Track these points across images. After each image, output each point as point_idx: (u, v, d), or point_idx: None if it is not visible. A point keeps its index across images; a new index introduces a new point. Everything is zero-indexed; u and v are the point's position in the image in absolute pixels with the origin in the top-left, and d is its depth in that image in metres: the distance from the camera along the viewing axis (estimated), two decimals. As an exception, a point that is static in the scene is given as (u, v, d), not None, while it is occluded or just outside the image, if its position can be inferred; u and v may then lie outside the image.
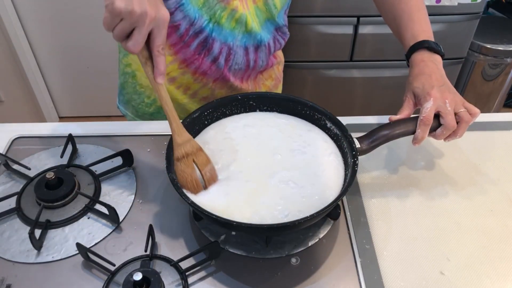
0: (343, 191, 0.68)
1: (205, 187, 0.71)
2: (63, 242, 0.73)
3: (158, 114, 1.03)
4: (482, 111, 0.80)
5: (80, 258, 0.70)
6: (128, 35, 0.62)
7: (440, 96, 0.76)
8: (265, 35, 0.93)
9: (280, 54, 1.09)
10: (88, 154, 0.89)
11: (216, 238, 0.73)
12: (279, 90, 1.14)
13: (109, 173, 0.84)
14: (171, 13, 0.83)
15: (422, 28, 0.83)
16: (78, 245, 0.68)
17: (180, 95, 0.98)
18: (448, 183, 0.85)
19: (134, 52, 0.63)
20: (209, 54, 0.90)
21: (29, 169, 0.85)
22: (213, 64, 0.92)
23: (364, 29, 1.84)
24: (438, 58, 0.81)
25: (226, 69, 0.94)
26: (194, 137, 0.81)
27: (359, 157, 0.74)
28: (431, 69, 0.79)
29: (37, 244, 0.72)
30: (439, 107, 0.75)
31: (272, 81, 1.08)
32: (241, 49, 0.92)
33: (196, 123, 0.81)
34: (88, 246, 0.72)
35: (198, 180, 0.71)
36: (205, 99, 1.00)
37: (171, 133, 0.74)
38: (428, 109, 0.75)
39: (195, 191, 0.70)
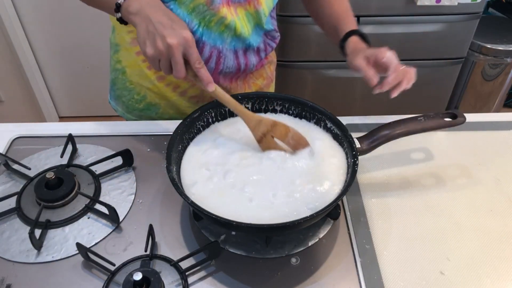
0: (343, 191, 0.68)
1: (294, 151, 0.77)
2: (63, 242, 0.73)
3: (147, 110, 1.03)
4: (482, 111, 0.81)
5: (80, 258, 0.70)
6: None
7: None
8: (254, 40, 0.94)
9: (271, 54, 1.09)
10: (88, 154, 0.89)
11: (216, 238, 0.73)
12: (271, 89, 1.15)
13: (109, 173, 0.84)
14: None
15: (354, 24, 0.96)
16: (78, 245, 0.68)
17: (170, 92, 0.99)
18: (448, 183, 0.85)
19: (181, 78, 0.70)
20: None
21: (29, 169, 0.85)
22: None
23: (364, 29, 1.82)
24: (364, 45, 0.92)
25: (217, 72, 0.94)
26: (194, 137, 0.81)
27: (359, 157, 0.74)
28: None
29: (37, 244, 0.72)
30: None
31: (263, 81, 1.08)
32: (231, 52, 0.93)
33: (197, 123, 0.82)
34: (88, 246, 0.72)
35: (284, 151, 0.77)
36: (194, 98, 1.00)
37: (171, 133, 0.76)
38: (388, 52, 0.77)
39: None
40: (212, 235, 0.74)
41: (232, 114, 0.86)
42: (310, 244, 0.73)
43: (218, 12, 0.84)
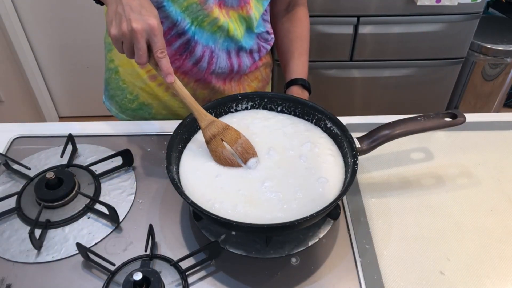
0: (343, 191, 0.68)
1: (244, 162, 0.75)
2: (63, 242, 0.73)
3: (140, 110, 1.04)
4: (482, 111, 0.81)
5: (80, 258, 0.70)
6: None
7: None
8: (246, 42, 0.95)
9: (267, 56, 1.09)
10: (88, 154, 0.89)
11: (216, 238, 0.73)
12: (267, 91, 1.15)
13: (109, 173, 0.84)
14: None
15: (303, 70, 1.01)
16: (78, 245, 0.68)
17: (162, 92, 0.99)
18: (448, 183, 0.85)
19: (142, 64, 0.69)
20: (191, 57, 0.91)
21: (29, 169, 0.85)
22: (195, 67, 0.93)
23: (364, 29, 1.84)
24: (306, 94, 0.99)
25: (208, 72, 0.94)
26: (193, 134, 0.81)
27: (359, 157, 0.74)
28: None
29: (37, 244, 0.72)
30: None
31: (258, 83, 1.08)
32: (223, 52, 0.93)
33: (197, 123, 0.82)
34: (88, 246, 0.72)
35: (230, 156, 0.75)
36: None
37: (171, 133, 0.76)
38: None
39: (234, 166, 0.75)
40: (212, 235, 0.74)
41: (230, 114, 0.86)
42: (310, 244, 0.73)
43: (211, 12, 0.85)
